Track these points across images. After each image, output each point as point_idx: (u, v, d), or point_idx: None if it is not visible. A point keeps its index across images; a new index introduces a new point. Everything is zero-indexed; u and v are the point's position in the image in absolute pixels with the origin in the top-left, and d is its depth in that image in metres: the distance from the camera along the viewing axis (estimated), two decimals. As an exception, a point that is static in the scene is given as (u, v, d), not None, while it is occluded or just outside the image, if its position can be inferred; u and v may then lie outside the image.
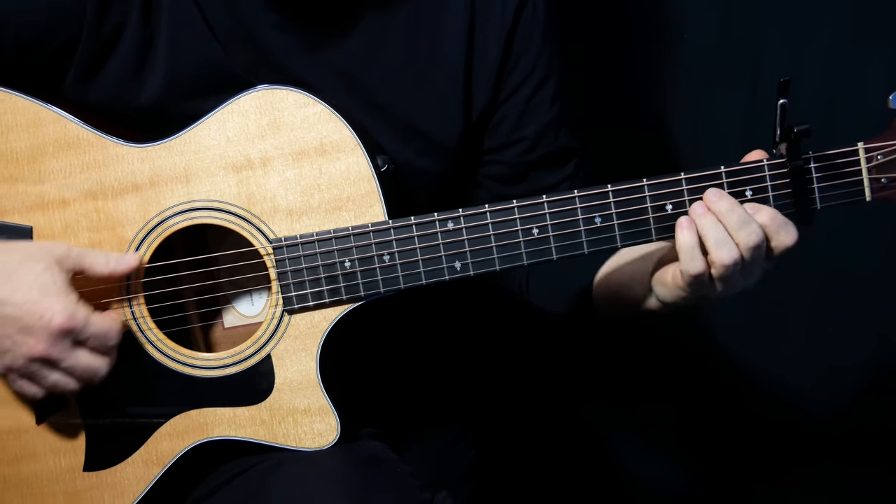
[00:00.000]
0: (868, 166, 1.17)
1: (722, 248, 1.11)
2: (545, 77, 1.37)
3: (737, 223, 1.12)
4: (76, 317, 1.12)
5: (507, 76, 1.35)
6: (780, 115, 1.13)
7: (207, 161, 1.22)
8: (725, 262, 1.11)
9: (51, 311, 1.11)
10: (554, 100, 1.38)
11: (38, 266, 1.13)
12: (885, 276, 1.95)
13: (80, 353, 1.14)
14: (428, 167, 1.35)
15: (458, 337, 1.74)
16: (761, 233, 1.12)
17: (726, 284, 1.14)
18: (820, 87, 1.82)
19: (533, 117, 1.38)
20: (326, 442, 1.24)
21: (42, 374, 1.14)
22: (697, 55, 1.86)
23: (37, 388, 1.16)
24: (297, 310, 1.23)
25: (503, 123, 1.38)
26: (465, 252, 1.20)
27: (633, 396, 2.10)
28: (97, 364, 1.16)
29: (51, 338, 1.12)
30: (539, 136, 1.38)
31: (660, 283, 1.20)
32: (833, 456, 2.07)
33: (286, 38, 1.26)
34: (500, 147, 1.39)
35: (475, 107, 1.35)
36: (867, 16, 1.79)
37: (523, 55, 1.35)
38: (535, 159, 1.40)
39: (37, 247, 1.16)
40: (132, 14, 1.23)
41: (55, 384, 1.15)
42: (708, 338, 2.04)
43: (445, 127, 1.35)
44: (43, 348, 1.12)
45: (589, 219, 1.19)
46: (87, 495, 1.26)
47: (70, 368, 1.14)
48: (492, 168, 1.41)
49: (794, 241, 1.14)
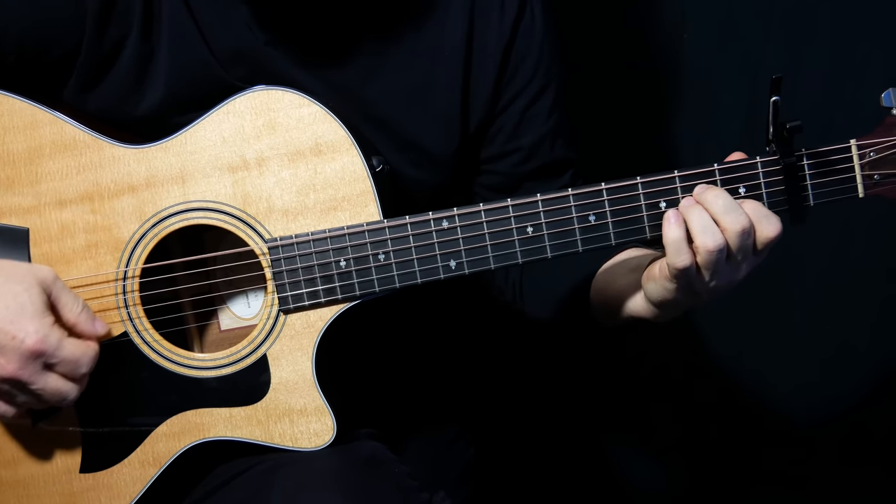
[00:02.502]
0: (861, 163, 1.17)
1: (706, 234, 1.11)
2: (542, 88, 1.37)
3: (723, 208, 1.11)
4: (48, 340, 1.12)
5: (503, 87, 1.35)
6: (773, 112, 1.13)
7: (203, 162, 1.22)
8: (710, 248, 1.11)
9: (24, 332, 1.10)
10: (551, 111, 1.38)
11: (18, 287, 1.12)
12: (882, 274, 1.95)
13: (49, 377, 1.13)
14: (423, 178, 1.35)
15: (456, 336, 1.74)
16: (748, 219, 1.12)
17: (713, 275, 1.13)
18: (813, 85, 1.83)
19: (529, 128, 1.38)
20: (322, 442, 1.25)
21: (12, 395, 1.14)
22: (697, 55, 1.87)
23: (7, 406, 1.16)
24: (292, 309, 1.23)
25: (500, 134, 1.38)
26: (459, 251, 1.21)
27: (632, 396, 2.10)
28: (66, 388, 1.15)
29: (21, 359, 1.11)
30: (534, 147, 1.38)
31: (649, 279, 1.19)
32: (833, 455, 2.07)
33: (281, 53, 1.27)
34: (495, 157, 1.40)
35: (472, 120, 1.36)
36: (861, 15, 1.79)
37: (521, 66, 1.35)
38: (530, 170, 1.40)
39: (24, 268, 1.16)
40: (132, 29, 1.23)
41: (24, 404, 1.16)
42: (706, 338, 2.04)
43: (441, 143, 1.35)
44: (13, 369, 1.11)
45: (583, 217, 1.19)
46: (84, 497, 1.26)
47: (39, 391, 1.13)
48: (487, 177, 1.42)
49: (776, 232, 1.13)
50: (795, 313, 2.00)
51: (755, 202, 1.14)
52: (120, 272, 1.23)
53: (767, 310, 1.99)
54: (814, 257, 1.93)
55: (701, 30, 1.86)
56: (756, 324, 2.01)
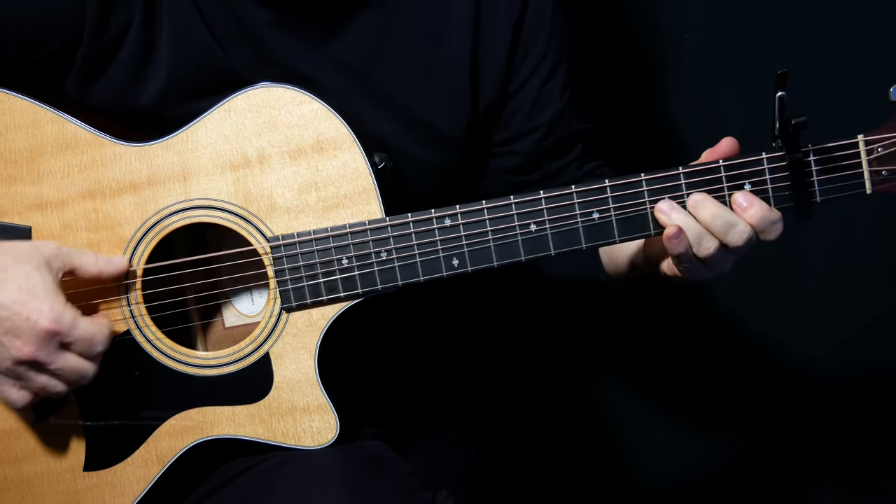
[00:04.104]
0: (868, 159, 1.16)
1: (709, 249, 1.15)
2: (556, 65, 1.37)
3: (722, 227, 1.15)
4: (63, 319, 1.12)
5: (517, 67, 1.35)
6: (779, 108, 1.12)
7: (205, 159, 1.22)
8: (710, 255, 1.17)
9: (38, 313, 1.10)
10: (565, 87, 1.38)
11: (28, 267, 1.12)
12: (883, 271, 1.93)
13: (67, 356, 1.14)
14: (432, 158, 1.34)
15: (459, 335, 1.74)
16: (749, 230, 1.15)
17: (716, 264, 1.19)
18: (820, 80, 1.81)
19: (546, 105, 1.37)
20: (325, 440, 1.24)
21: (29, 377, 1.14)
22: (697, 55, 1.86)
23: (25, 391, 1.15)
24: (295, 308, 1.23)
25: (517, 114, 1.37)
26: (462, 248, 1.20)
27: (636, 396, 2.09)
28: (84, 367, 1.15)
29: (38, 340, 1.11)
30: (554, 123, 1.38)
31: (659, 271, 1.24)
32: (832, 455, 2.06)
33: (283, 35, 1.26)
34: (514, 138, 1.39)
35: (482, 98, 1.35)
36: (867, 11, 1.78)
37: (533, 45, 1.34)
38: (549, 146, 1.39)
39: (27, 246, 1.16)
40: (134, 18, 1.22)
41: (44, 387, 1.15)
42: (708, 337, 2.03)
43: (451, 118, 1.34)
44: (30, 350, 1.11)
45: (587, 213, 1.18)
46: (88, 495, 1.26)
47: (58, 371, 1.13)
48: (505, 159, 1.41)
49: (779, 233, 1.16)
50: (797, 309, 1.99)
51: (760, 209, 1.15)
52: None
53: (768, 308, 1.98)
54: (815, 255, 1.92)
55: (702, 29, 1.85)
56: (758, 322, 2.00)
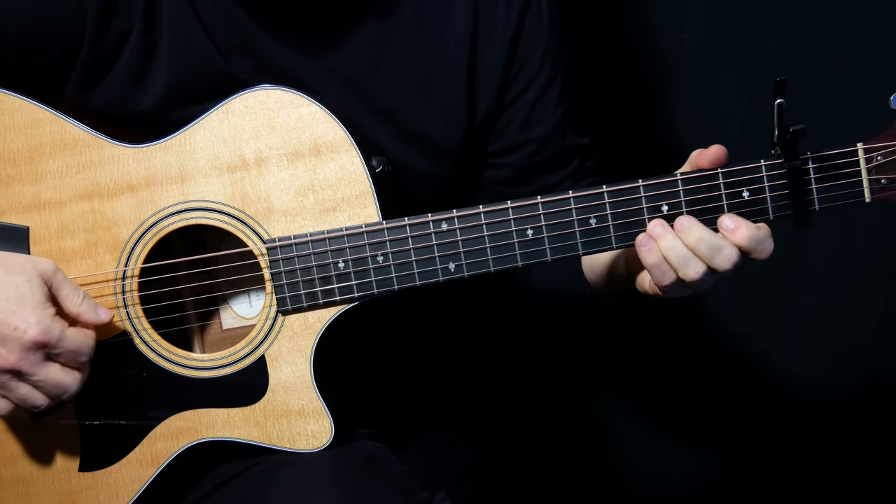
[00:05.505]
0: (868, 167, 1.15)
1: (694, 273, 1.13)
2: (551, 79, 1.36)
3: (707, 251, 1.12)
4: (50, 331, 1.11)
5: (512, 79, 1.35)
6: (777, 115, 1.11)
7: (202, 161, 1.22)
8: (696, 280, 1.14)
9: (25, 324, 1.10)
10: (560, 101, 1.38)
11: (19, 278, 1.12)
12: (883, 276, 1.93)
13: (51, 368, 1.13)
14: (429, 169, 1.34)
15: (456, 336, 1.74)
16: (736, 253, 1.13)
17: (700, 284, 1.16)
18: (819, 87, 1.81)
19: (539, 119, 1.37)
20: (320, 444, 1.24)
21: (11, 387, 1.13)
22: (697, 55, 1.85)
23: (6, 400, 1.15)
24: (291, 310, 1.22)
25: (510, 126, 1.37)
26: (459, 253, 1.20)
27: (633, 396, 2.09)
28: (68, 380, 1.14)
29: (23, 350, 1.11)
30: (546, 138, 1.38)
31: (640, 288, 1.22)
32: (832, 456, 2.05)
33: (282, 45, 1.26)
34: (506, 150, 1.39)
35: (478, 111, 1.35)
36: (867, 15, 1.77)
37: (529, 58, 1.34)
38: (542, 161, 1.39)
39: (24, 260, 1.16)
40: (134, 25, 1.22)
41: (24, 398, 1.14)
42: (706, 341, 2.03)
43: (448, 131, 1.34)
44: (14, 360, 1.11)
45: (584, 220, 1.18)
46: (83, 495, 1.26)
47: (40, 382, 1.13)
48: (497, 171, 1.41)
49: (769, 255, 1.14)
50: (798, 313, 1.98)
51: (748, 230, 1.13)
52: (119, 272, 1.23)
53: (768, 312, 1.98)
54: (817, 256, 1.92)
55: (703, 30, 1.84)
56: (757, 325, 2.00)
